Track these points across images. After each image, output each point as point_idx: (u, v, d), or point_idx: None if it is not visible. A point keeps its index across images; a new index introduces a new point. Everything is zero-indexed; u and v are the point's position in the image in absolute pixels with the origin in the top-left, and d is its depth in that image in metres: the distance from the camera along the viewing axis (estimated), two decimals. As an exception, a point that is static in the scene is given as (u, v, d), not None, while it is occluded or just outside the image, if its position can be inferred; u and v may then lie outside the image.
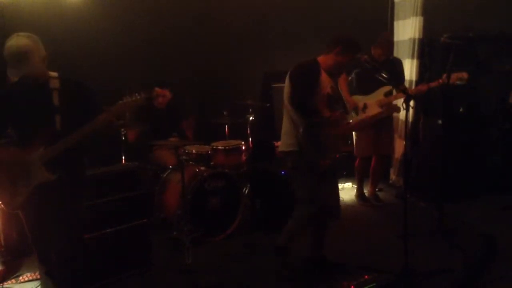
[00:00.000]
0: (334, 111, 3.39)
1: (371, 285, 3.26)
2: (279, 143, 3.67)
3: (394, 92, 4.93)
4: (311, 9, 5.98)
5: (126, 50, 5.24)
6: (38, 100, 2.74)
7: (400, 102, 5.30)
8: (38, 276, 3.61)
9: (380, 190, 5.78)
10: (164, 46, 5.46)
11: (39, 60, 2.67)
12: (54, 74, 2.81)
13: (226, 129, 5.24)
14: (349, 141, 5.32)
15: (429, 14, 5.45)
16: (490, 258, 3.77)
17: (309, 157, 3.32)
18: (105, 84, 4.53)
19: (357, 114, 5.00)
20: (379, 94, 4.99)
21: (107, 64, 5.06)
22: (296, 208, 3.55)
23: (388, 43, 5.12)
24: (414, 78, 5.59)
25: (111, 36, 5.16)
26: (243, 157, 4.83)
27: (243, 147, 4.83)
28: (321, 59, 3.45)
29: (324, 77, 3.38)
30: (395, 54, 5.81)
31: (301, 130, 3.28)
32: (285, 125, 3.50)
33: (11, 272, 3.75)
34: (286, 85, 3.41)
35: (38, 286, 3.48)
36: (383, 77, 3.62)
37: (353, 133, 5.29)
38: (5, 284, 3.63)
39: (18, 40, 2.64)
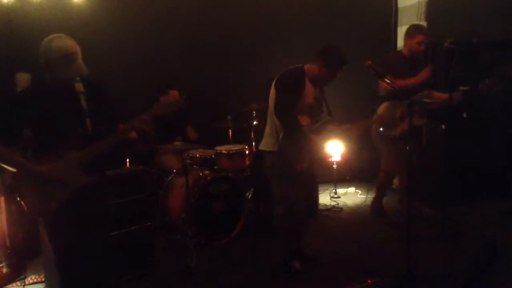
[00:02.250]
0: (315, 120, 3.53)
1: (374, 289, 3.28)
2: None
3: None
4: (315, 14, 6.01)
5: (131, 55, 5.29)
6: (68, 103, 2.69)
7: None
8: (43, 279, 3.64)
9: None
10: (169, 51, 5.51)
11: (81, 60, 2.67)
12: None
13: (230, 133, 5.27)
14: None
15: (432, 19, 5.47)
16: (493, 261, 3.77)
17: (284, 159, 3.41)
18: (109, 88, 4.56)
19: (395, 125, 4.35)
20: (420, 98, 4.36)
21: (112, 68, 5.10)
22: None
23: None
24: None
25: (116, 41, 5.21)
26: (247, 161, 4.85)
27: (247, 151, 4.85)
28: (307, 67, 3.51)
29: (308, 86, 3.46)
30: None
31: (281, 135, 3.39)
32: (268, 126, 3.62)
33: (17, 274, 3.77)
34: (272, 89, 3.50)
35: (43, 288, 3.52)
36: (387, 82, 3.56)
37: (380, 143, 4.64)
38: (10, 286, 3.66)
39: (65, 41, 2.62)
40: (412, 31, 4.56)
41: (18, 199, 2.64)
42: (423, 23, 5.48)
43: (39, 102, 2.65)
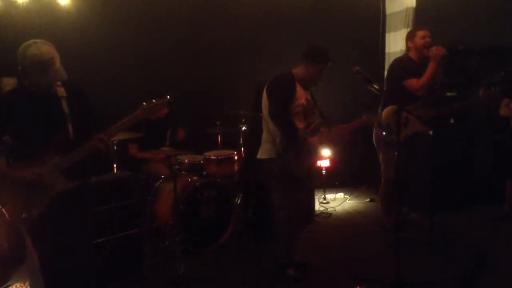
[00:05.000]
0: (310, 121, 3.54)
1: (363, 295, 3.28)
2: None
3: None
4: (303, 20, 6.01)
5: (118, 58, 5.25)
6: (49, 108, 2.66)
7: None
8: (28, 286, 3.59)
9: (371, 200, 5.81)
10: (157, 56, 5.48)
11: (60, 65, 2.64)
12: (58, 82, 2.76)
13: (219, 139, 5.25)
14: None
15: (420, 26, 5.51)
16: (481, 268, 3.79)
17: (283, 164, 3.44)
18: (98, 92, 4.53)
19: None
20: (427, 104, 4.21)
21: (99, 71, 5.07)
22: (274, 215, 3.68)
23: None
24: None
25: (103, 44, 5.17)
26: (236, 167, 4.84)
27: (236, 157, 4.83)
28: (295, 71, 3.56)
29: (298, 89, 3.50)
30: (386, 65, 5.86)
31: (278, 140, 3.43)
32: (264, 133, 3.64)
33: (1, 282, 3.71)
34: (264, 97, 3.55)
35: (27, 296, 3.46)
36: (375, 88, 3.54)
37: (382, 149, 4.45)
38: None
39: (40, 48, 2.58)
40: (411, 32, 4.45)
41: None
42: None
43: (19, 106, 2.63)
